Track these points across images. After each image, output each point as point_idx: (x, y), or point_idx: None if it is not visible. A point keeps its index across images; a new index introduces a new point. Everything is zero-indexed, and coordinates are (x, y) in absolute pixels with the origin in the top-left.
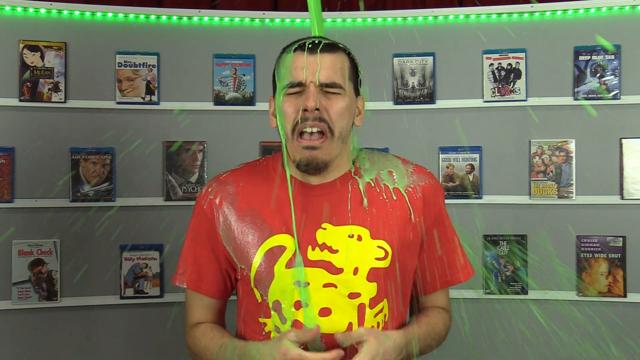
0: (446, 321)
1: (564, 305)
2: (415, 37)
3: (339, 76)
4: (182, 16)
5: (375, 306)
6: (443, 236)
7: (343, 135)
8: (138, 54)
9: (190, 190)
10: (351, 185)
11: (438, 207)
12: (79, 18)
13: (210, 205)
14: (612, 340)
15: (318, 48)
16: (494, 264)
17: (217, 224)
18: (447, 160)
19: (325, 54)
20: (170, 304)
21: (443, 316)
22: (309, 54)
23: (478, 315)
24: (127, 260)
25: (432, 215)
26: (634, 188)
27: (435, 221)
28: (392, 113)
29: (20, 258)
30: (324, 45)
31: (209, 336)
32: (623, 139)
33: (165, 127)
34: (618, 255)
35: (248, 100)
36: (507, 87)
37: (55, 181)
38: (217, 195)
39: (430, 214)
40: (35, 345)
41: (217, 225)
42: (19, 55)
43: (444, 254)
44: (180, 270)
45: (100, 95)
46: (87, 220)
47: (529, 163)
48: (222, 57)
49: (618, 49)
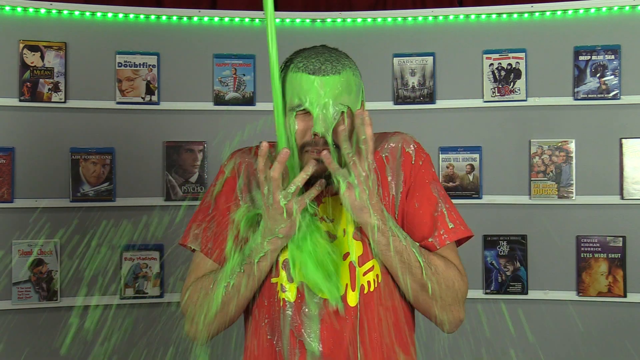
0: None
1: (564, 305)
2: (415, 37)
3: (345, 97)
4: (182, 16)
5: (363, 264)
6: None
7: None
8: (138, 54)
9: (190, 190)
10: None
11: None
12: (79, 18)
13: (233, 169)
14: (612, 340)
15: (325, 70)
16: (494, 264)
17: (238, 186)
18: (447, 160)
19: (331, 76)
20: (170, 304)
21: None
22: (317, 76)
23: (478, 315)
24: (127, 260)
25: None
26: (634, 188)
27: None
28: (392, 113)
29: (20, 258)
30: (330, 66)
31: (206, 277)
32: (623, 139)
33: (165, 127)
34: (618, 255)
35: (248, 100)
36: (507, 87)
37: (55, 181)
38: (240, 162)
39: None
40: (35, 345)
41: (237, 188)
42: (19, 55)
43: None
44: (195, 232)
45: (100, 95)
46: (87, 220)
47: (529, 163)
48: (222, 57)
49: (618, 49)
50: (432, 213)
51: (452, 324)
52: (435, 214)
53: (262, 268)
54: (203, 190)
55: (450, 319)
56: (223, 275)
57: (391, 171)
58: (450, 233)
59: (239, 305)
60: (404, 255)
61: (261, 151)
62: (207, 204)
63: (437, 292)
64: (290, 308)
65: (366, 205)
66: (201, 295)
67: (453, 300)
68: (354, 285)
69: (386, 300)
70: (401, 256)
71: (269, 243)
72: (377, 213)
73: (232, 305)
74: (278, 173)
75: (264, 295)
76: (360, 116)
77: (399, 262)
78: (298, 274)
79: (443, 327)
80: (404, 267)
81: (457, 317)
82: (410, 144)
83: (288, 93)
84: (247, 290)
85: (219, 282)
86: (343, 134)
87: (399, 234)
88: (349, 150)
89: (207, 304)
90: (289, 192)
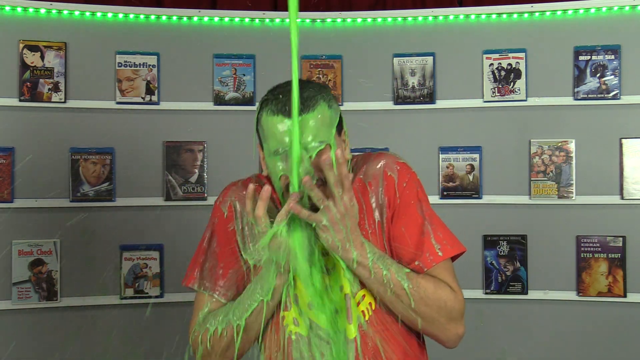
0: (441, 288)
1: (564, 305)
2: (415, 37)
3: (322, 132)
4: (182, 16)
5: (355, 295)
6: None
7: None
8: (138, 54)
9: (190, 190)
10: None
11: (391, 190)
12: (79, 18)
13: (231, 206)
14: (612, 340)
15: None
16: (494, 264)
17: (237, 231)
18: (447, 160)
19: (305, 115)
20: (170, 304)
21: (436, 282)
22: (289, 118)
23: (478, 315)
24: (127, 260)
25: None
26: (634, 188)
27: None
28: (392, 113)
29: (20, 258)
30: (303, 106)
31: (215, 314)
32: (623, 139)
33: (165, 127)
34: (618, 255)
35: (248, 100)
36: (507, 87)
37: (55, 181)
38: (236, 198)
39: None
40: (35, 345)
41: (237, 224)
42: (19, 55)
43: (407, 237)
44: (198, 272)
45: (100, 95)
46: (87, 220)
47: (529, 163)
48: (222, 57)
49: (618, 49)
50: (418, 235)
51: (451, 341)
52: (421, 236)
53: (271, 304)
54: (203, 190)
55: (449, 336)
56: (235, 312)
57: (375, 197)
58: (435, 255)
59: (249, 340)
60: (389, 284)
61: (248, 194)
62: (208, 243)
63: (428, 315)
64: (302, 341)
65: (343, 244)
66: (213, 334)
67: (447, 319)
68: (350, 317)
69: (384, 326)
70: (385, 285)
71: (274, 280)
72: (357, 247)
73: (242, 340)
74: (262, 211)
75: (274, 329)
76: (327, 160)
77: (385, 291)
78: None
79: (444, 345)
80: (391, 295)
81: (455, 334)
82: (392, 167)
83: (265, 136)
84: (257, 325)
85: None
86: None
87: (380, 264)
88: (319, 197)
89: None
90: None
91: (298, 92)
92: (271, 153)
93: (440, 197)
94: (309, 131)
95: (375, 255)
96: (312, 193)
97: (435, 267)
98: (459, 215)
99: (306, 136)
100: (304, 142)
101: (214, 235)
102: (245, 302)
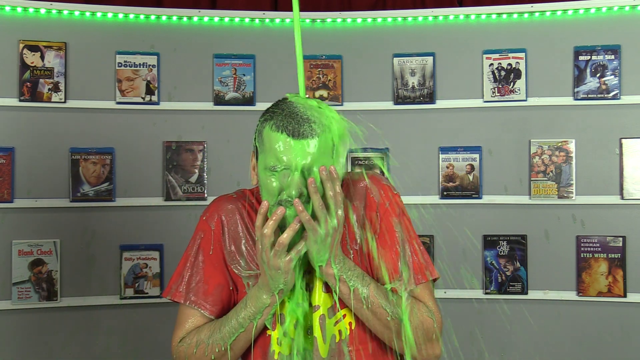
0: (419, 309)
1: (564, 305)
2: (415, 37)
3: (323, 156)
4: (182, 16)
5: (333, 315)
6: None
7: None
8: (138, 54)
9: (190, 190)
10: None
11: (373, 212)
12: (79, 18)
13: (218, 221)
14: (612, 340)
15: (303, 133)
16: (494, 264)
17: (225, 248)
18: (447, 160)
19: (307, 139)
20: (171, 304)
21: (413, 301)
22: (293, 139)
23: (478, 315)
24: (127, 260)
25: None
26: (634, 188)
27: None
28: (392, 113)
29: (20, 258)
30: (309, 129)
31: (200, 330)
32: (623, 139)
33: (165, 127)
34: (618, 255)
35: (248, 100)
36: (507, 87)
37: (55, 181)
38: (222, 212)
39: (363, 221)
40: (35, 345)
41: (224, 240)
42: (19, 55)
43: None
44: (181, 286)
45: (100, 95)
46: (87, 220)
47: (529, 163)
48: (222, 57)
49: (618, 49)
50: (398, 257)
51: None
52: (402, 258)
53: (259, 323)
54: (203, 190)
55: (425, 356)
56: (222, 329)
57: (357, 218)
58: (415, 277)
59: (234, 357)
60: (367, 302)
61: (261, 209)
62: (194, 258)
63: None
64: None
65: (326, 262)
66: (198, 350)
67: (424, 340)
68: (325, 336)
69: (362, 345)
70: (364, 304)
71: (268, 298)
72: (339, 265)
73: (228, 357)
74: (271, 230)
75: (260, 347)
76: (325, 171)
77: (364, 310)
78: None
79: None
80: (369, 314)
81: (432, 354)
82: (375, 188)
83: (264, 149)
84: (243, 343)
85: (218, 337)
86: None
87: (358, 285)
88: (306, 218)
89: (204, 358)
90: (277, 250)
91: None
92: (267, 167)
93: (440, 197)
94: (310, 155)
95: (354, 272)
96: (301, 216)
97: (415, 288)
98: (459, 215)
99: (307, 158)
100: (303, 165)
101: (200, 250)
102: (233, 320)
